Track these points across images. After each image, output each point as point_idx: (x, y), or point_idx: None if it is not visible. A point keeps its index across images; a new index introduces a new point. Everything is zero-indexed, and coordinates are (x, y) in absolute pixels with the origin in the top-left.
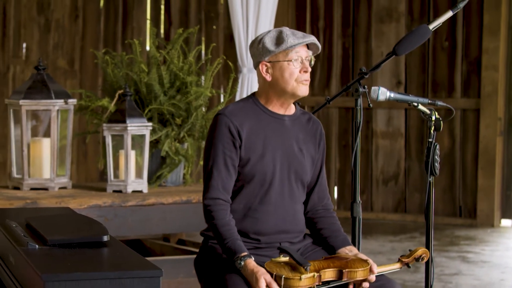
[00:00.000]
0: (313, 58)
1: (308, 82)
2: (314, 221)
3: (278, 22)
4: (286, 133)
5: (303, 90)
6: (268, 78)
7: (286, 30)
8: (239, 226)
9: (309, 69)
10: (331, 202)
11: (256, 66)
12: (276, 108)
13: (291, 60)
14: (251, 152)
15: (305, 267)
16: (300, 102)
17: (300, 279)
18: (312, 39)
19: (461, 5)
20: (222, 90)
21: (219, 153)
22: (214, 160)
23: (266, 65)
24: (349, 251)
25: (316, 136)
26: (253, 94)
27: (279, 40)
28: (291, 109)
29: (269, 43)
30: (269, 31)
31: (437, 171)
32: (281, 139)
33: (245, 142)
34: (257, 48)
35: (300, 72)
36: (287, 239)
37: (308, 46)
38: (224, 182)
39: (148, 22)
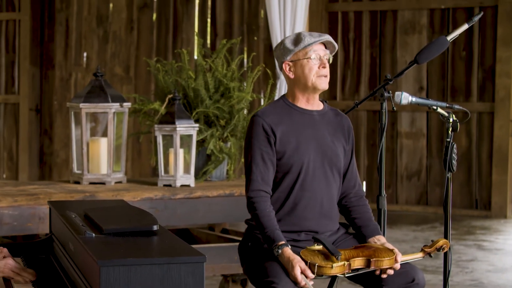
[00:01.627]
0: (331, 56)
1: (327, 77)
2: (348, 209)
3: None
4: (317, 126)
5: (323, 84)
6: (291, 75)
7: (304, 32)
8: (283, 213)
9: (327, 65)
10: (363, 189)
11: (280, 67)
12: (303, 104)
13: (310, 58)
14: (286, 145)
15: (336, 257)
16: (325, 100)
17: (332, 267)
18: (327, 37)
19: (476, 18)
20: (262, 95)
21: (256, 150)
22: (252, 156)
23: (288, 64)
24: (378, 240)
25: (345, 129)
26: (283, 95)
27: (297, 40)
28: (319, 105)
29: (289, 43)
30: (289, 35)
31: (455, 168)
32: (313, 132)
33: (279, 137)
34: (280, 49)
35: (319, 67)
36: (326, 225)
37: (326, 46)
38: (263, 175)
39: (195, 33)
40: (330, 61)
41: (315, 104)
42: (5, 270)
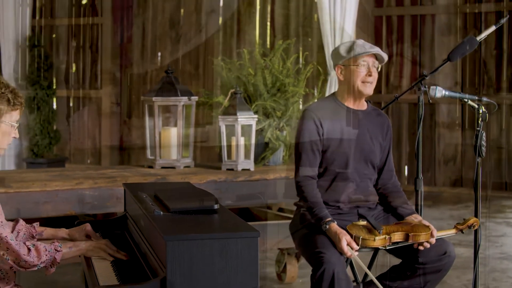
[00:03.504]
0: (379, 66)
1: (372, 84)
2: (385, 195)
3: (359, 36)
4: (359, 124)
5: (367, 89)
6: (341, 78)
7: (358, 41)
8: (325, 197)
9: (373, 74)
10: (398, 181)
11: (334, 68)
12: (350, 104)
13: (358, 65)
14: (331, 141)
15: (378, 230)
16: (369, 99)
17: (374, 240)
18: (377, 50)
19: (502, 21)
20: (315, 90)
21: (306, 139)
22: (302, 145)
23: (340, 68)
24: (415, 218)
25: (384, 127)
26: (333, 93)
27: (350, 49)
28: (363, 105)
29: (342, 50)
30: (346, 42)
31: (484, 154)
32: (355, 129)
33: (326, 132)
34: (334, 53)
35: (365, 75)
36: (363, 205)
37: (377, 57)
38: (311, 162)
39: (257, 35)
40: (379, 69)
41: (360, 105)
42: (101, 253)
